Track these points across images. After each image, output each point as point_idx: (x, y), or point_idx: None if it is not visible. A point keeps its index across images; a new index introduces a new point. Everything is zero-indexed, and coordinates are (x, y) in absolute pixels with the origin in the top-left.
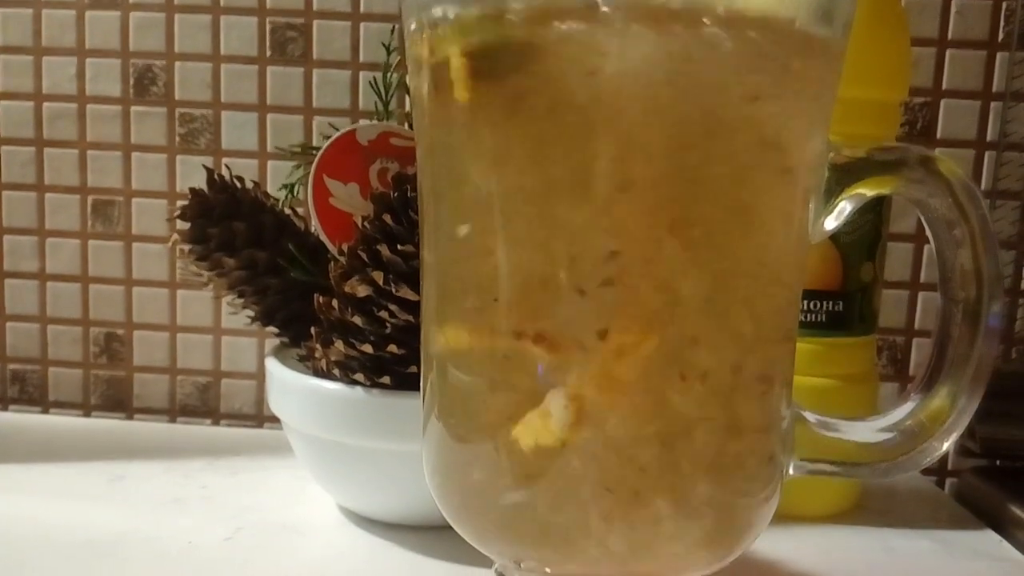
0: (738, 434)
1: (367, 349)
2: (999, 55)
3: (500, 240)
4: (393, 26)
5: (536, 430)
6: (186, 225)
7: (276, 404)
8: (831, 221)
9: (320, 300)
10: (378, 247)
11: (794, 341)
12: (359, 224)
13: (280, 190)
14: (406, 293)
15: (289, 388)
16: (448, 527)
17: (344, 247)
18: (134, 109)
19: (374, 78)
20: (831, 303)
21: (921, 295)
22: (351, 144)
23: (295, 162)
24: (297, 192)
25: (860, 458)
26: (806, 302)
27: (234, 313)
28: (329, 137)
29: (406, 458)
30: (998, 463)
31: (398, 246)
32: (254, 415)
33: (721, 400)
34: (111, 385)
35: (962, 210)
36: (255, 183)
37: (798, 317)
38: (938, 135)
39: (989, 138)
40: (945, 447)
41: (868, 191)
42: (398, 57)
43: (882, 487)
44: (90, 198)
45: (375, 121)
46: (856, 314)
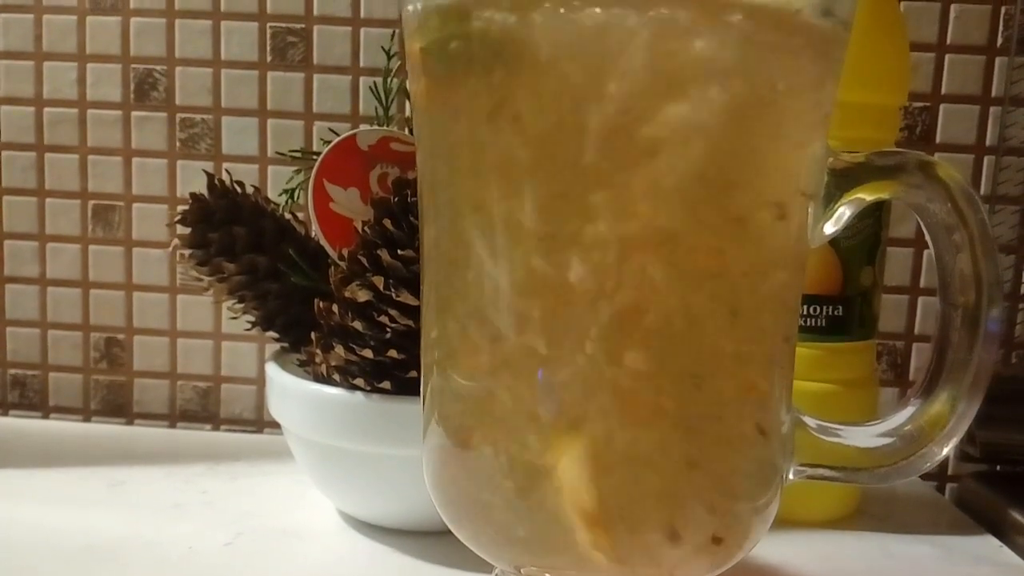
0: (738, 440)
1: (367, 354)
2: (998, 60)
3: (496, 245)
4: (393, 31)
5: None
6: (186, 230)
7: (276, 409)
8: (830, 226)
9: (320, 305)
10: (378, 252)
11: (794, 346)
12: (359, 229)
13: (280, 195)
14: (406, 298)
15: (289, 393)
16: (448, 532)
17: (344, 252)
18: (135, 114)
19: (374, 83)
20: (831, 308)
21: (921, 300)
22: (351, 149)
23: (295, 167)
24: (297, 197)
25: (860, 463)
26: (806, 307)
27: (234, 318)
28: (329, 142)
29: (406, 463)
30: (998, 468)
31: (398, 251)
32: (254, 420)
33: (720, 405)
34: (111, 390)
35: (961, 215)
36: (255, 188)
37: (798, 322)
38: (937, 140)
39: (988, 143)
40: (945, 452)
41: (867, 196)
42: (398, 62)
43: (882, 492)
44: (91, 203)
45: (375, 126)
46: (856, 319)
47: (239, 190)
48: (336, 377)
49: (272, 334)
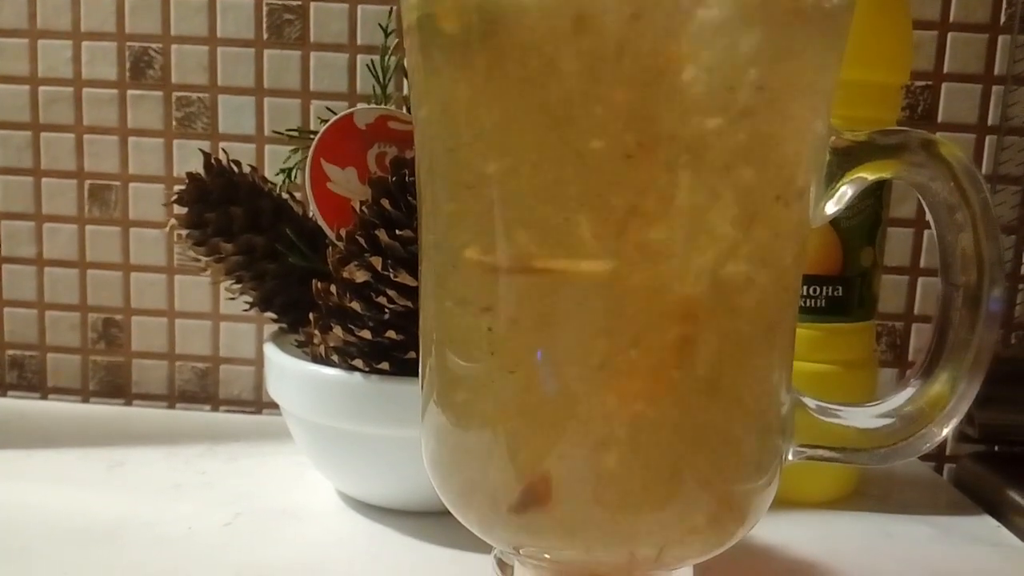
0: (739, 420)
1: (365, 335)
2: (1001, 38)
3: (493, 222)
4: (391, 8)
5: None
6: (183, 210)
7: (275, 390)
8: (832, 205)
9: (318, 285)
10: (376, 232)
11: (794, 326)
12: (357, 209)
13: (278, 174)
14: (405, 278)
15: (288, 374)
16: (447, 513)
17: (342, 232)
18: (130, 93)
19: (372, 61)
20: (831, 288)
21: (920, 280)
22: (349, 128)
23: (292, 146)
24: (295, 176)
25: (859, 444)
26: (806, 287)
27: (232, 298)
28: (327, 121)
29: (405, 444)
30: (996, 449)
31: (396, 231)
32: (253, 401)
33: (721, 387)
34: (110, 371)
35: (964, 194)
36: (252, 167)
37: (798, 302)
38: (939, 119)
39: (990, 122)
40: (945, 433)
41: (869, 175)
42: (396, 39)
43: (880, 473)
44: (87, 183)
45: (373, 105)
46: (856, 299)
47: (236, 169)
48: (334, 358)
49: (270, 315)
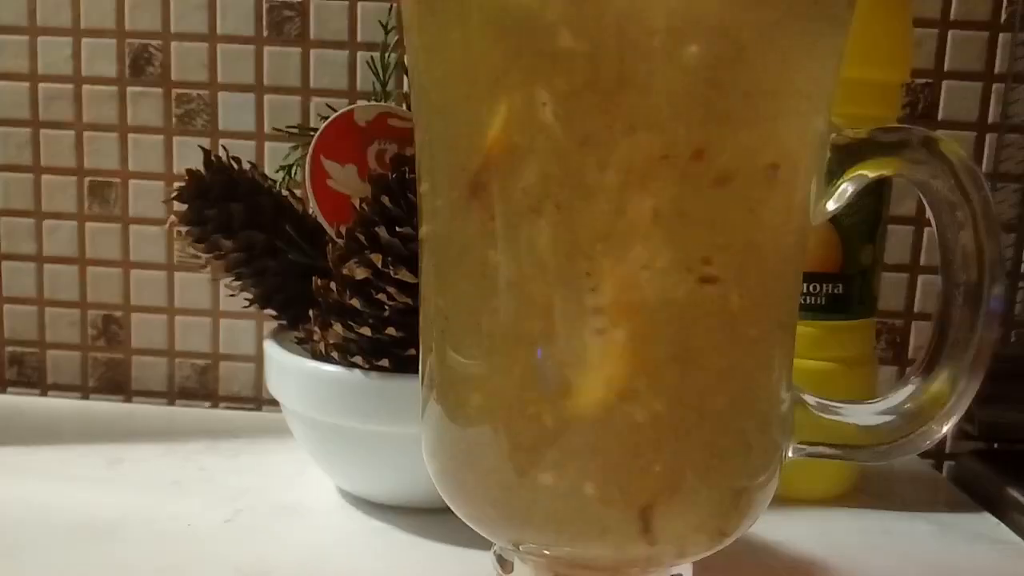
0: (738, 418)
1: (365, 332)
2: (1001, 36)
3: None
4: (391, 5)
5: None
6: (183, 207)
7: (275, 387)
8: (832, 203)
9: (318, 282)
10: (376, 229)
11: (794, 324)
12: (357, 206)
13: (277, 171)
14: (404, 275)
15: (288, 371)
16: (447, 509)
17: (342, 229)
18: (130, 90)
19: (372, 58)
20: (831, 286)
21: (921, 278)
22: (349, 125)
23: (292, 143)
24: (295, 173)
25: (859, 441)
26: (806, 285)
27: (232, 295)
28: (327, 118)
29: (405, 441)
30: (996, 446)
31: (396, 228)
32: (253, 398)
33: (719, 381)
34: (109, 368)
35: (964, 192)
36: (252, 164)
37: (798, 300)
38: (939, 117)
39: (991, 120)
40: (945, 430)
41: (870, 172)
42: (396, 37)
43: (880, 470)
44: (87, 179)
45: (373, 102)
46: (856, 297)
47: (236, 166)
48: (334, 355)
49: (270, 311)
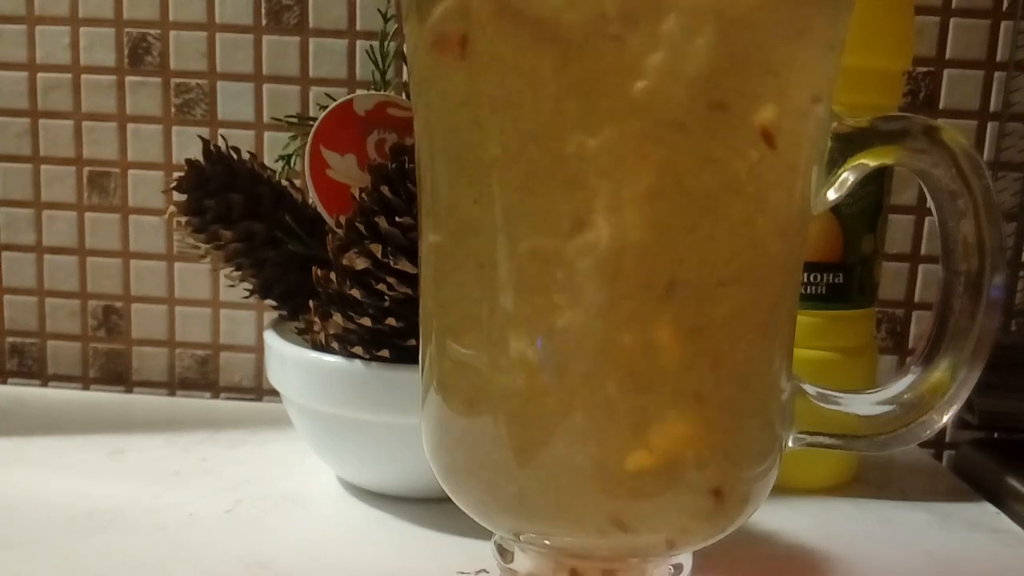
0: (739, 407)
1: (365, 322)
2: (1003, 24)
3: (498, 209)
4: None
5: None
6: (182, 197)
7: (275, 377)
8: (833, 192)
9: (318, 273)
10: (376, 219)
11: (795, 313)
12: (357, 196)
13: (277, 161)
14: (404, 266)
15: (288, 361)
16: (447, 499)
17: (342, 219)
18: (129, 79)
19: (371, 47)
20: (831, 275)
21: (921, 267)
22: (348, 114)
23: (292, 133)
24: (294, 163)
25: (859, 431)
26: (806, 274)
27: (232, 286)
28: (326, 107)
29: (405, 431)
30: (996, 435)
31: (396, 218)
32: (253, 388)
33: (721, 372)
34: (110, 358)
35: (965, 181)
36: (251, 154)
37: (799, 289)
38: (941, 105)
39: (992, 109)
40: (945, 420)
41: (871, 161)
42: (395, 25)
43: (880, 459)
44: (86, 170)
45: (372, 91)
46: (856, 286)
47: (235, 156)
48: (335, 345)
49: (270, 302)
